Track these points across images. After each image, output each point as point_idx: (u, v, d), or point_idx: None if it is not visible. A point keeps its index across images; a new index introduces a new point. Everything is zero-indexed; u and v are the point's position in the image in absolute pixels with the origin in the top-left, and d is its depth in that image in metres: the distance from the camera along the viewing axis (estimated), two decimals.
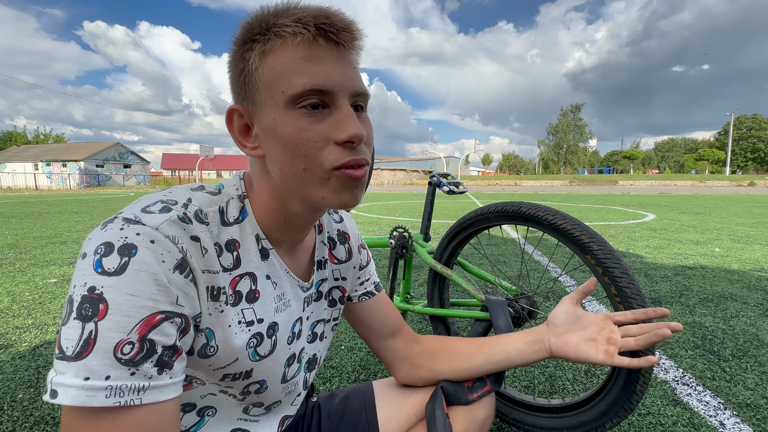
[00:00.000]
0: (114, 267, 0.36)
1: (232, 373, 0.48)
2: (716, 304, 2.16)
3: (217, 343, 0.45)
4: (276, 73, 0.42)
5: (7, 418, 1.16)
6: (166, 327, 0.38)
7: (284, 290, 0.53)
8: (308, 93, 0.41)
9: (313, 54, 0.41)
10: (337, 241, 0.65)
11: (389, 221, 6.34)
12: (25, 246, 4.08)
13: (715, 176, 41.32)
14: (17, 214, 7.75)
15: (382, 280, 2.70)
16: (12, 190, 27.92)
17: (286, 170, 0.43)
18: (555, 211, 0.96)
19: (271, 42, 0.42)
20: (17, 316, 2.02)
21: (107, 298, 0.35)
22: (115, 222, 0.39)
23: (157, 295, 0.37)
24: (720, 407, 1.20)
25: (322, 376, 1.41)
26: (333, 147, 0.42)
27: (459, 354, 0.69)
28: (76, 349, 0.34)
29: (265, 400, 0.55)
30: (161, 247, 0.38)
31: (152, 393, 0.36)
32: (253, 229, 0.49)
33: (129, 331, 0.35)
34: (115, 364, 0.35)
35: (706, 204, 10.25)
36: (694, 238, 4.49)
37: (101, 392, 0.34)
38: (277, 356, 0.53)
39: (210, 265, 0.43)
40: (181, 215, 0.42)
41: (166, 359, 0.37)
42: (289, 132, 0.42)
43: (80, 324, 0.35)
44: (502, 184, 39.18)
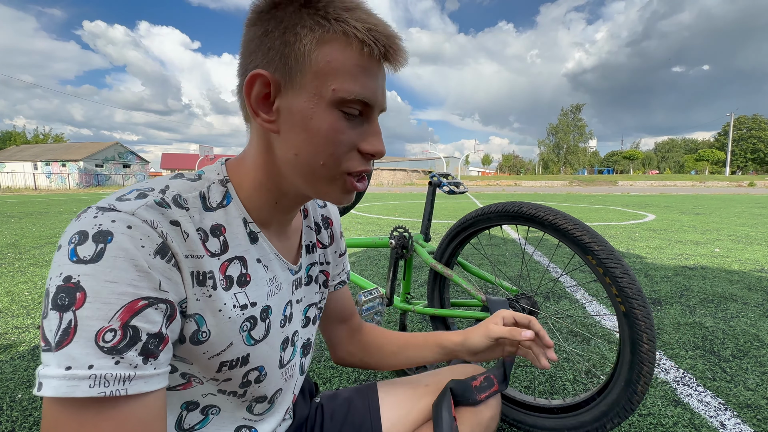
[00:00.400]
0: (90, 255, 0.35)
1: (228, 360, 0.46)
2: (716, 305, 2.16)
3: (209, 328, 0.44)
4: (331, 68, 0.41)
5: (6, 418, 1.15)
6: (150, 313, 0.36)
7: (276, 273, 0.53)
8: (356, 102, 0.42)
9: (369, 67, 0.42)
10: (322, 226, 0.66)
11: (389, 221, 6.34)
12: (24, 246, 4.08)
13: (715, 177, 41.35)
14: (16, 214, 7.74)
15: (381, 280, 2.70)
16: (11, 190, 27.91)
17: (303, 158, 0.44)
18: (556, 211, 0.95)
19: (333, 33, 0.41)
20: (16, 316, 2.01)
21: (84, 286, 0.34)
22: (88, 212, 0.38)
23: (137, 281, 0.36)
24: (721, 408, 1.20)
25: (323, 376, 1.41)
26: (355, 154, 0.45)
27: (385, 351, 0.75)
28: (55, 339, 0.33)
29: (267, 390, 0.54)
30: (139, 232, 0.37)
31: (138, 383, 0.35)
32: (239, 213, 0.48)
33: (110, 318, 0.34)
34: (97, 352, 0.33)
35: (706, 204, 10.25)
36: (694, 238, 4.49)
37: (84, 382, 0.32)
38: (272, 340, 0.52)
39: (193, 250, 0.42)
40: (158, 200, 0.40)
41: (151, 348, 0.36)
42: (325, 128, 0.42)
43: (58, 314, 0.33)
44: (501, 184, 39.19)
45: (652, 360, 0.82)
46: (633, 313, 0.82)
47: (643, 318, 0.82)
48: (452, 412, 0.64)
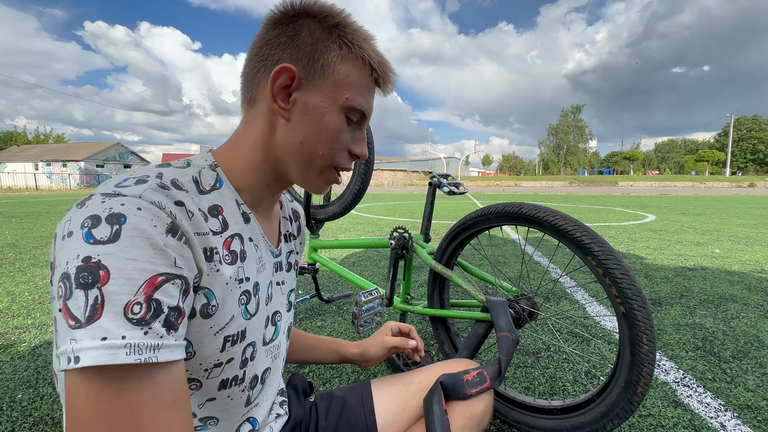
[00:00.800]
0: (107, 235, 0.36)
1: (231, 334, 0.48)
2: (717, 306, 2.15)
3: (217, 301, 0.46)
4: (348, 80, 0.50)
5: (6, 418, 1.15)
6: (168, 288, 0.38)
7: (262, 253, 0.56)
8: (358, 111, 0.52)
9: (371, 87, 0.54)
10: (292, 219, 0.72)
11: (389, 222, 6.34)
12: (25, 246, 4.08)
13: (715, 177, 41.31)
14: (17, 214, 7.75)
15: (381, 280, 2.70)
16: (12, 190, 27.92)
17: (307, 146, 0.51)
18: (556, 212, 0.95)
19: (354, 56, 0.50)
20: (17, 316, 2.02)
21: (106, 264, 0.35)
22: (93, 199, 0.39)
23: (155, 258, 0.37)
24: (721, 409, 1.20)
25: (322, 376, 1.41)
26: (345, 153, 0.54)
27: (305, 349, 0.85)
28: (85, 314, 0.34)
29: (258, 368, 0.56)
30: (149, 213, 0.38)
31: (165, 352, 0.37)
32: (232, 195, 0.51)
33: (135, 293, 0.35)
34: (127, 324, 0.34)
35: (706, 205, 10.25)
36: (694, 239, 4.48)
37: (121, 350, 0.34)
38: (260, 316, 0.55)
39: (199, 228, 0.44)
40: (159, 183, 0.42)
41: (172, 320, 0.38)
42: (333, 126, 0.51)
43: (83, 292, 0.34)
44: (502, 184, 39.16)
45: (652, 361, 0.82)
46: (633, 314, 0.82)
47: (643, 319, 0.82)
48: (443, 405, 0.65)
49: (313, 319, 1.98)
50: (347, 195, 1.69)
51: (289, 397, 0.71)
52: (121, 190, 0.40)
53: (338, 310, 2.11)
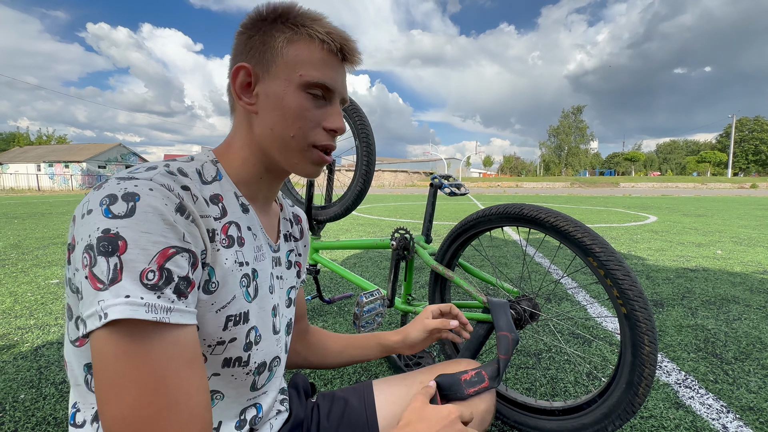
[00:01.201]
0: (124, 211, 0.40)
1: (233, 314, 0.50)
2: (718, 307, 2.15)
3: (217, 279, 0.49)
4: (299, 59, 0.52)
5: (9, 418, 1.16)
6: (178, 260, 0.42)
7: (261, 244, 0.59)
8: (319, 85, 0.53)
9: (329, 61, 0.54)
10: (293, 222, 0.74)
11: (390, 222, 6.34)
12: (27, 246, 4.09)
13: (716, 178, 41.19)
14: (20, 215, 7.77)
15: (382, 281, 2.70)
16: (14, 191, 28.02)
17: (277, 133, 0.53)
18: (557, 213, 0.96)
19: (301, 35, 0.52)
20: (19, 317, 2.02)
21: (124, 236, 0.39)
22: (109, 182, 0.43)
23: (166, 232, 0.41)
24: (723, 410, 1.20)
25: (323, 377, 1.41)
26: (320, 130, 0.55)
27: (329, 351, 0.84)
28: (108, 276, 0.38)
29: (266, 355, 0.57)
30: (160, 194, 0.42)
31: (176, 315, 0.40)
32: (230, 187, 0.55)
33: (149, 261, 0.39)
34: (142, 288, 0.38)
35: (708, 206, 10.23)
36: (696, 240, 4.47)
37: (141, 308, 0.38)
38: (262, 302, 0.56)
39: (203, 210, 0.48)
40: (167, 170, 0.47)
41: (182, 288, 0.42)
42: (294, 106, 0.52)
43: (104, 258, 0.38)
44: (503, 185, 39.14)
45: (653, 362, 0.82)
46: (634, 315, 0.83)
47: (645, 320, 0.82)
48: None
49: (314, 320, 1.98)
50: (348, 196, 1.69)
51: (290, 396, 0.71)
52: (134, 174, 0.44)
53: (339, 311, 2.12)
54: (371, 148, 1.62)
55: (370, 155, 1.62)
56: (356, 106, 1.65)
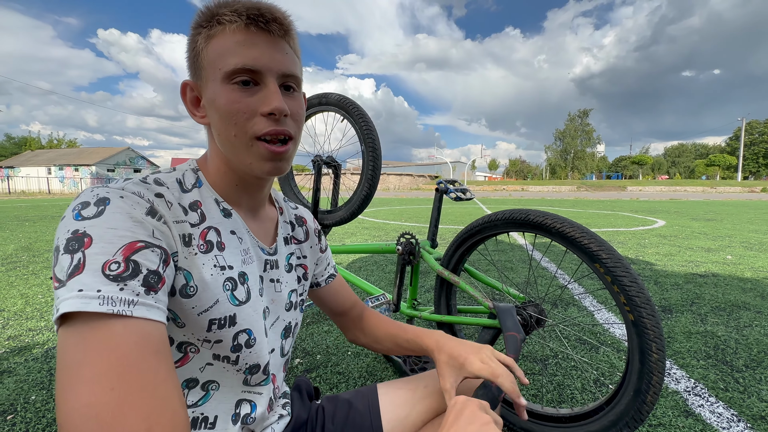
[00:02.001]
0: (93, 213, 0.41)
1: (216, 318, 0.50)
2: (729, 313, 2.12)
3: (195, 283, 0.49)
4: (216, 53, 0.49)
5: (21, 419, 1.18)
6: (147, 254, 0.41)
7: (248, 247, 0.58)
8: (240, 71, 0.49)
9: (246, 39, 0.49)
10: (296, 224, 0.73)
11: (395, 226, 6.34)
12: (38, 249, 4.16)
13: (726, 182, 40.64)
14: (31, 218, 7.90)
15: (387, 285, 2.70)
16: (26, 194, 28.49)
17: (223, 136, 0.51)
18: (563, 219, 0.96)
19: (215, 28, 0.50)
20: (30, 318, 2.06)
21: (90, 233, 0.39)
22: (85, 191, 0.45)
23: (134, 228, 0.42)
24: (733, 419, 1.18)
25: (329, 381, 1.42)
26: (259, 118, 0.50)
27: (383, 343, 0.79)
28: (68, 272, 0.38)
29: (260, 358, 0.57)
30: (130, 200, 0.44)
31: (141, 309, 0.39)
32: (210, 194, 0.55)
33: (114, 254, 0.39)
34: (104, 280, 0.38)
35: (717, 210, 10.09)
36: (705, 245, 4.42)
37: (94, 300, 0.37)
38: (254, 304, 0.56)
39: (177, 216, 0.48)
40: (142, 179, 0.49)
41: (151, 281, 0.41)
42: (224, 103, 0.49)
43: (69, 256, 0.38)
44: (508, 189, 38.98)
45: (661, 369, 0.81)
46: (642, 321, 0.82)
47: (652, 327, 0.81)
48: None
49: (319, 324, 1.99)
50: (354, 200, 1.70)
51: (293, 399, 0.71)
52: (109, 185, 0.46)
53: None
54: (377, 152, 1.63)
55: (376, 160, 1.63)
56: (362, 110, 1.67)
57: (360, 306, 0.83)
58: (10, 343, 1.73)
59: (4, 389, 1.35)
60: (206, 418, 0.54)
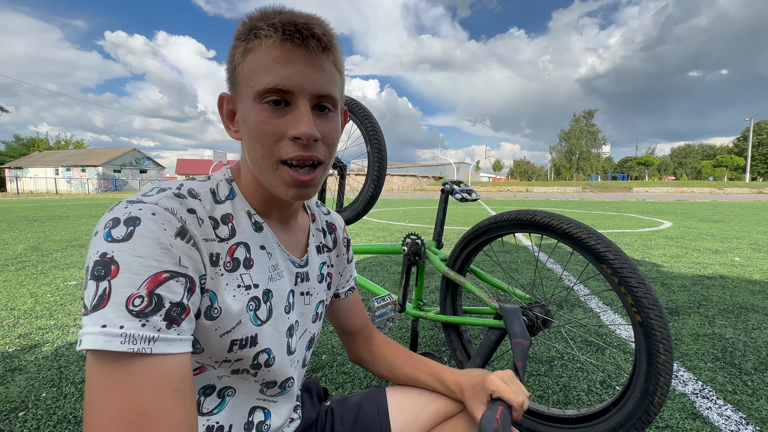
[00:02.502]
0: (122, 235, 0.41)
1: (238, 339, 0.50)
2: (737, 316, 2.10)
3: (219, 305, 0.48)
4: (251, 70, 0.48)
5: (32, 416, 1.20)
6: (172, 284, 0.41)
7: (278, 261, 0.57)
8: (270, 91, 0.47)
9: (281, 56, 0.46)
10: (327, 231, 0.73)
11: (399, 227, 6.35)
12: (46, 249, 4.21)
13: (734, 183, 40.16)
14: (39, 218, 8.00)
15: (392, 286, 2.70)
16: (34, 194, 28.83)
17: (251, 155, 0.50)
18: (570, 219, 0.96)
19: (252, 42, 0.48)
20: (40, 317, 2.08)
21: (117, 260, 0.39)
22: (119, 205, 0.44)
23: (161, 257, 0.41)
24: (742, 422, 1.17)
25: (335, 381, 1.42)
26: (287, 141, 0.48)
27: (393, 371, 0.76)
28: (93, 303, 0.38)
29: (277, 376, 0.57)
30: (162, 218, 0.43)
31: (161, 345, 0.39)
32: (243, 206, 0.54)
33: (138, 287, 0.39)
34: (127, 315, 0.38)
35: (725, 212, 9.98)
36: (712, 246, 4.37)
37: (116, 338, 0.37)
38: (276, 323, 0.56)
39: (207, 234, 0.48)
40: (176, 192, 0.47)
41: (174, 315, 0.41)
42: (253, 123, 0.48)
43: (95, 283, 0.39)
44: (513, 190, 38.82)
45: (669, 371, 0.81)
46: (649, 323, 0.82)
47: (660, 328, 0.81)
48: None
49: (324, 324, 1.99)
50: (360, 201, 1.71)
51: (303, 401, 0.72)
52: (143, 198, 0.45)
53: None
54: (382, 153, 1.64)
55: (382, 161, 1.64)
56: (367, 111, 1.67)
57: (370, 327, 0.81)
58: (21, 341, 1.76)
59: (15, 386, 1.37)
60: (221, 427, 0.54)
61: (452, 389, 0.68)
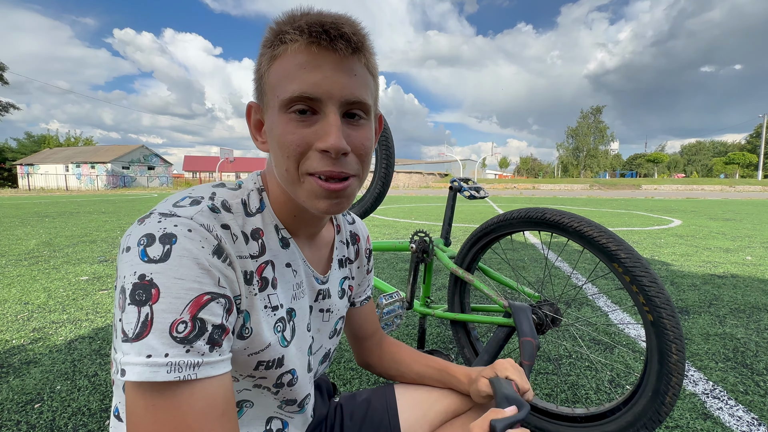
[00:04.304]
0: (159, 255, 0.39)
1: (265, 360, 0.50)
2: (748, 315, 2.07)
3: (251, 325, 0.47)
4: (277, 78, 0.45)
5: (47, 407, 1.22)
6: (213, 307, 0.40)
7: (302, 279, 0.56)
8: (296, 99, 0.43)
9: (308, 61, 0.43)
10: (350, 242, 0.71)
11: (405, 224, 6.34)
12: (58, 244, 4.28)
13: (746, 180, 39.45)
14: (50, 214, 8.13)
15: (399, 283, 2.71)
16: (45, 191, 29.30)
17: (278, 168, 0.48)
18: (581, 218, 0.95)
19: (278, 48, 0.45)
20: (53, 311, 2.12)
21: (158, 283, 0.38)
22: (151, 217, 0.42)
23: (201, 278, 0.40)
24: (754, 423, 1.16)
25: (343, 377, 1.43)
26: (314, 153, 0.44)
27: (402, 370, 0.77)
28: (135, 331, 0.37)
29: (297, 395, 0.57)
30: (198, 235, 0.41)
31: (205, 369, 0.39)
32: (272, 220, 0.52)
33: (181, 311, 0.38)
34: (171, 342, 0.37)
35: (736, 210, 9.81)
36: (723, 245, 4.31)
37: (163, 368, 0.37)
38: (299, 342, 0.55)
39: (241, 251, 0.46)
40: (210, 206, 0.45)
41: (216, 337, 0.40)
42: (278, 134, 0.45)
43: (136, 308, 0.38)
44: (519, 187, 38.53)
45: (681, 371, 0.80)
46: (661, 322, 0.81)
47: (672, 328, 0.80)
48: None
49: None
50: (367, 198, 1.71)
51: (314, 398, 0.73)
52: (176, 210, 0.43)
53: None
54: (390, 150, 1.64)
55: (389, 158, 1.63)
56: None
57: (381, 333, 0.81)
58: (35, 335, 1.79)
59: (30, 379, 1.40)
60: None
61: (462, 381, 0.69)
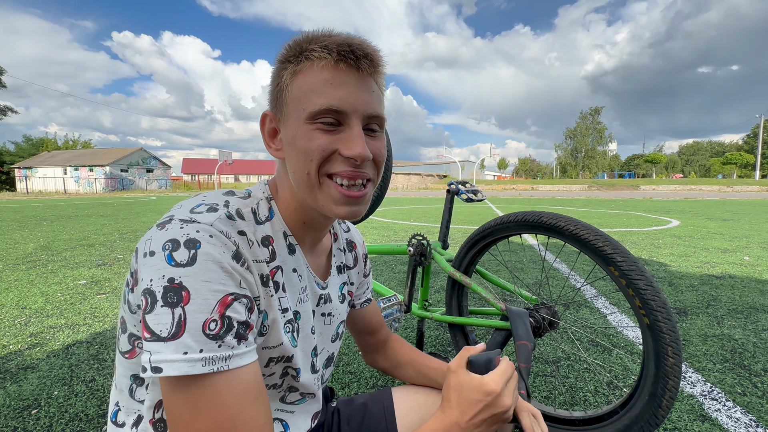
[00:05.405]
0: (185, 259, 0.42)
1: (276, 357, 0.53)
2: (746, 316, 2.08)
3: (268, 323, 0.51)
4: (302, 92, 0.48)
5: (44, 413, 1.22)
6: (236, 306, 0.44)
7: (306, 284, 0.59)
8: (325, 112, 0.47)
9: (335, 77, 0.47)
10: (347, 249, 0.73)
11: (404, 226, 6.34)
12: (56, 248, 4.27)
13: (743, 181, 39.56)
14: (48, 217, 8.11)
15: (397, 285, 2.71)
16: (43, 194, 29.23)
17: (297, 174, 0.50)
18: (577, 221, 0.95)
19: (302, 64, 0.49)
20: (51, 316, 2.12)
21: (187, 286, 0.41)
22: (172, 223, 0.45)
23: (224, 280, 0.43)
24: (752, 424, 1.16)
25: (341, 381, 1.43)
26: (337, 158, 0.49)
27: (405, 369, 0.78)
28: (171, 331, 0.40)
29: (301, 386, 0.59)
30: (219, 241, 0.44)
31: (236, 360, 0.43)
32: (281, 227, 0.55)
33: (211, 311, 0.41)
34: (204, 339, 0.41)
35: (734, 210, 9.84)
36: (721, 245, 4.32)
37: (198, 363, 0.40)
38: (304, 344, 0.58)
39: (256, 255, 0.49)
40: (227, 213, 0.48)
41: (241, 332, 0.44)
42: (303, 142, 0.48)
43: (169, 310, 0.40)
44: (518, 188, 38.59)
45: (677, 374, 0.80)
46: (657, 325, 0.81)
47: (668, 331, 0.81)
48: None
49: None
50: None
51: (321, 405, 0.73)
52: (196, 217, 0.45)
53: None
54: (389, 153, 1.64)
55: (388, 160, 1.64)
56: None
57: (387, 330, 0.83)
58: (32, 340, 1.79)
59: (28, 384, 1.39)
60: None
61: None
